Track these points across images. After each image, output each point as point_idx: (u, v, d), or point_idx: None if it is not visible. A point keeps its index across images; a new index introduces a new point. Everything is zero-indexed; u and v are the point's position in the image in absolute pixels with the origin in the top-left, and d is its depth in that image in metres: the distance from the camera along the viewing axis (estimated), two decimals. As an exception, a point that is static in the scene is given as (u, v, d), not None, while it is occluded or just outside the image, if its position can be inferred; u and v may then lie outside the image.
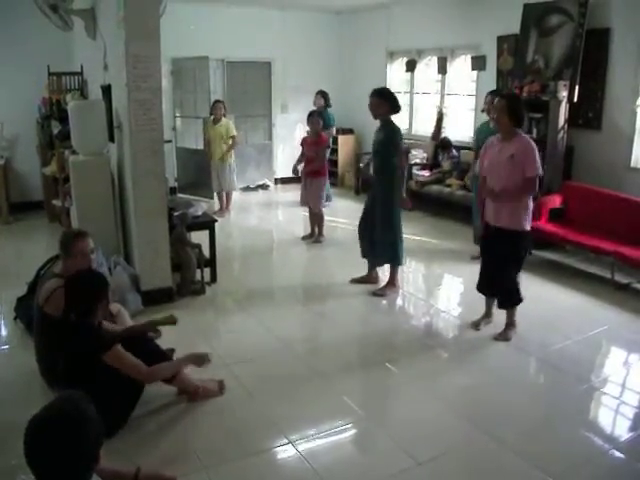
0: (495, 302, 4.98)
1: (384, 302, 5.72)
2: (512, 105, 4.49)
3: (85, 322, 3.34)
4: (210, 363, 3.87)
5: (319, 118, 7.63)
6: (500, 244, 4.65)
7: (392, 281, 5.87)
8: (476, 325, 5.02)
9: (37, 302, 3.94)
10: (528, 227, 4.64)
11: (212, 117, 9.07)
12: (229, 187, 9.14)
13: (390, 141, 5.55)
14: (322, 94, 9.19)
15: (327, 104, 9.18)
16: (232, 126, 9.15)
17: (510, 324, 4.86)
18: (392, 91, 5.87)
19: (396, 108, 5.63)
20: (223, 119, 9.00)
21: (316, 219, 7.65)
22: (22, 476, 1.87)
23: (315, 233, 7.66)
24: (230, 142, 9.01)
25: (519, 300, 4.81)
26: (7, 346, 4.81)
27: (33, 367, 4.09)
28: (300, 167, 7.74)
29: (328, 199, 8.59)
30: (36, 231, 7.89)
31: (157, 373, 3.60)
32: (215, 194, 9.37)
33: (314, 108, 8.90)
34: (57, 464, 1.64)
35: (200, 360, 3.83)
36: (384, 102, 5.56)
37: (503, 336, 4.81)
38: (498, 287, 4.84)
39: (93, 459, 1.67)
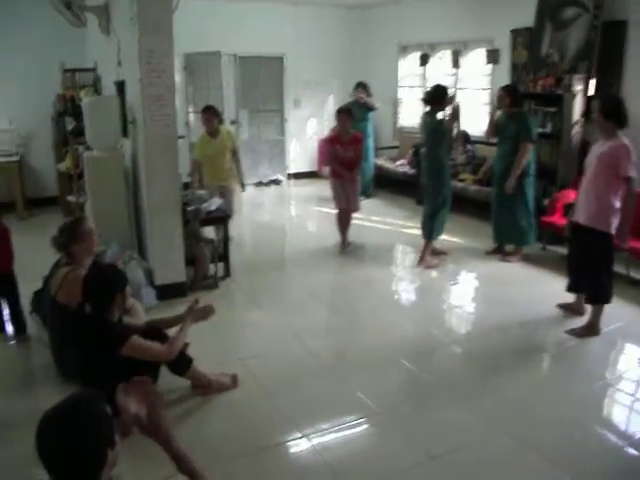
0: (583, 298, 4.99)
1: (398, 298, 5.73)
2: (607, 106, 4.56)
3: (99, 318, 3.35)
4: (214, 314, 3.93)
5: (348, 115, 6.82)
6: (586, 242, 4.71)
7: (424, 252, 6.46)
8: (566, 308, 5.13)
9: (50, 293, 3.98)
10: (612, 229, 4.60)
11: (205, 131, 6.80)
12: (234, 215, 6.90)
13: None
14: (364, 86, 8.75)
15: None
16: (234, 134, 7.54)
17: (591, 324, 4.77)
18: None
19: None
20: (221, 128, 6.86)
21: (348, 220, 7.11)
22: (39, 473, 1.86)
23: (347, 239, 7.10)
24: (232, 156, 6.91)
25: (604, 299, 4.75)
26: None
27: (49, 360, 4.14)
28: (326, 169, 7.30)
29: None
30: (51, 226, 7.73)
31: (175, 345, 3.53)
32: None
33: (330, 104, 8.59)
34: (63, 462, 1.65)
35: (205, 313, 3.89)
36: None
37: (582, 332, 4.76)
38: (585, 284, 4.85)
39: (100, 458, 1.68)
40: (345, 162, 6.74)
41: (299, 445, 3.39)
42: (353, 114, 6.93)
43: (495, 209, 6.54)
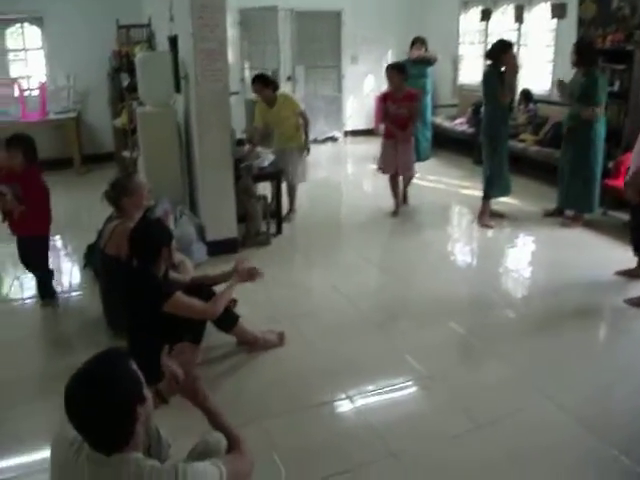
0: None
1: (453, 259, 5.64)
2: None
3: (144, 271, 3.37)
4: (262, 277, 3.77)
5: (397, 71, 6.43)
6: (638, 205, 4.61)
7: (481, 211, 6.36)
8: (624, 273, 4.95)
9: (100, 247, 4.03)
10: None
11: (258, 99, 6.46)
12: (293, 180, 6.57)
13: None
14: (422, 42, 8.50)
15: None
16: (295, 99, 6.75)
17: None
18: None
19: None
20: (278, 96, 6.32)
21: (404, 182, 6.96)
22: None
23: (400, 203, 6.87)
24: (301, 121, 6.45)
25: None
26: (77, 292, 4.97)
27: (101, 313, 4.20)
28: (382, 127, 6.92)
29: None
30: (107, 182, 7.98)
31: (219, 304, 3.52)
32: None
33: (388, 60, 8.42)
34: (91, 421, 1.66)
35: (251, 275, 3.73)
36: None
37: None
38: None
39: (129, 415, 1.67)
40: (397, 120, 6.47)
41: (343, 406, 3.36)
42: (406, 71, 6.56)
43: (561, 172, 6.28)
